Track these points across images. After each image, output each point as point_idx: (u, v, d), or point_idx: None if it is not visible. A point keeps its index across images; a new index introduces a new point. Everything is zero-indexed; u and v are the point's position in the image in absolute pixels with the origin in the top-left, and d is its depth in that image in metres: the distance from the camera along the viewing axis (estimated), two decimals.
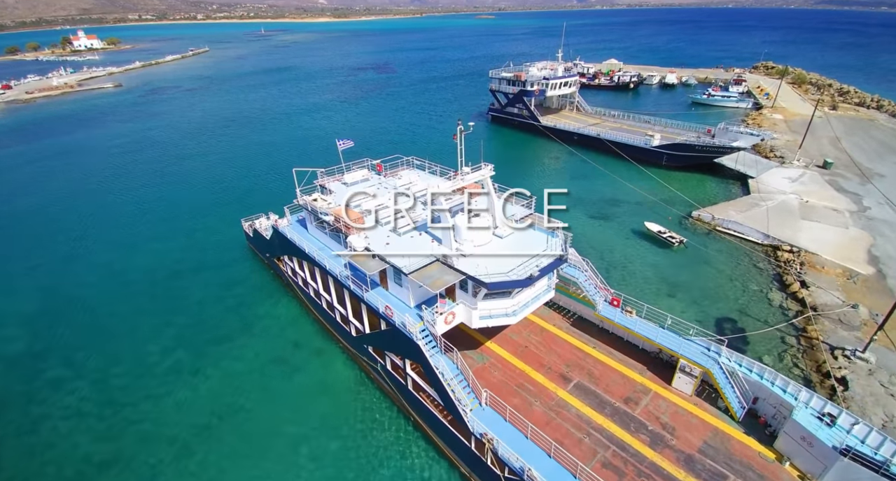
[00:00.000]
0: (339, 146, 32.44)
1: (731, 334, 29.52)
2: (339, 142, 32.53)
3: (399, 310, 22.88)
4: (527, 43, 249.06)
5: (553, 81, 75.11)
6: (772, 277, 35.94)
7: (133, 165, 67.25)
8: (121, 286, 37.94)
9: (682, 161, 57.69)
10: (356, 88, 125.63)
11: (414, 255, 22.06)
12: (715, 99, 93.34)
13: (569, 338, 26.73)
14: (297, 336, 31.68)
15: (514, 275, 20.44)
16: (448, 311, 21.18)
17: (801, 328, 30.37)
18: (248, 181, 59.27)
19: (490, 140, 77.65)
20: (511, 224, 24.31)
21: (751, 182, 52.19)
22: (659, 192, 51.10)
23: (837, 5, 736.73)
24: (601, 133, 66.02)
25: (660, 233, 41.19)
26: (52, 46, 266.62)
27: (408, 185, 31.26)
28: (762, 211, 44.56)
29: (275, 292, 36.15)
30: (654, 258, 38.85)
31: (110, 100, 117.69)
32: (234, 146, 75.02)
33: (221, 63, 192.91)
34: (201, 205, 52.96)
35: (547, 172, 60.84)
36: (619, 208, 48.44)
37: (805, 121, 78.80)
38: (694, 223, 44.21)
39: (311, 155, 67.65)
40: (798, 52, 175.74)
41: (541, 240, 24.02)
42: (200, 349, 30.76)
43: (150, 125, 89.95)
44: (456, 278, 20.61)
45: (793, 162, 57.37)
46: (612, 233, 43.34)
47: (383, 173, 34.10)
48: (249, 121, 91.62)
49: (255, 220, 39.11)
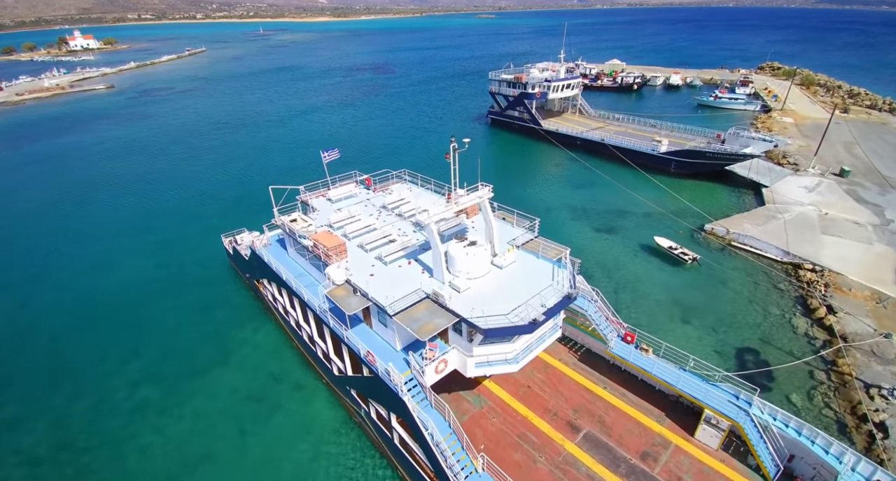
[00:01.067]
0: (323, 158, 29.69)
1: (753, 368, 26.81)
2: (323, 153, 29.78)
3: (383, 354, 20.08)
4: (527, 42, 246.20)
5: (555, 83, 72.26)
6: (794, 300, 33.16)
7: (116, 172, 64.48)
8: (89, 310, 35.16)
9: (691, 168, 54.86)
10: (354, 90, 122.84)
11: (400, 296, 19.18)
12: (722, 101, 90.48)
13: (577, 377, 23.98)
14: (277, 367, 28.93)
15: (515, 316, 17.71)
16: (439, 358, 18.43)
17: (831, 361, 27.61)
18: (235, 190, 56.47)
19: (489, 145, 74.90)
20: (511, 254, 21.50)
21: (765, 191, 49.39)
22: (668, 203, 48.37)
23: (838, 4, 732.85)
24: (605, 138, 63.21)
25: (671, 250, 38.40)
26: (49, 46, 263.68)
27: (399, 203, 28.56)
28: (779, 224, 41.77)
29: (255, 316, 33.39)
30: (665, 277, 36.06)
31: (101, 102, 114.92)
32: (223, 151, 72.26)
33: (217, 63, 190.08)
34: (184, 215, 50.22)
35: (549, 181, 58.01)
36: (625, 220, 45.63)
37: (816, 125, 76.16)
38: (707, 237, 41.41)
39: (304, 161, 64.92)
40: (803, 52, 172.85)
41: (545, 270, 21.28)
42: (171, 383, 28.03)
43: (138, 128, 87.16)
44: (448, 321, 17.87)
45: (808, 169, 54.55)
46: (620, 248, 40.54)
47: (372, 188, 31.34)
48: (243, 124, 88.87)
49: (237, 236, 36.22)
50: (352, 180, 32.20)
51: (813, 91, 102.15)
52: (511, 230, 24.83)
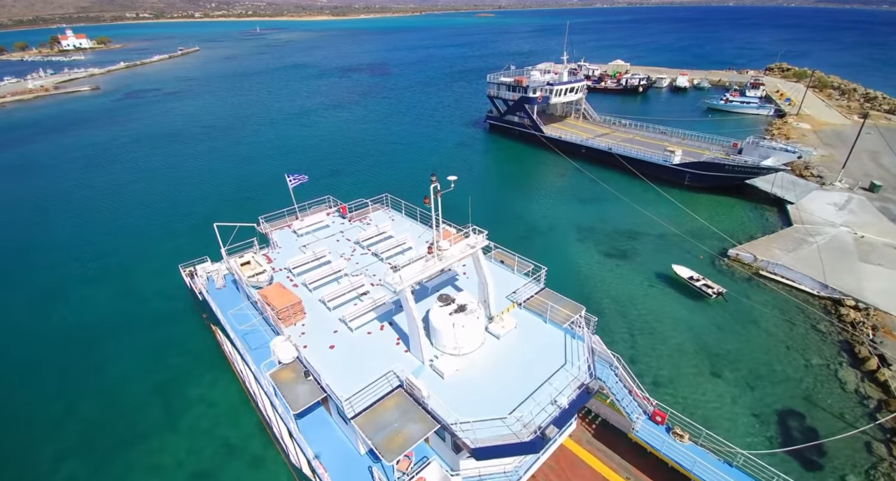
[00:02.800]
0: (289, 183, 25.16)
1: (801, 441, 22.36)
2: (289, 177, 25.25)
3: (340, 461, 15.50)
4: (528, 41, 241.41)
5: (558, 87, 67.64)
6: (838, 346, 28.67)
7: (85, 184, 59.88)
8: (27, 354, 30.61)
9: (707, 182, 50.31)
10: (348, 91, 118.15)
11: (363, 385, 14.60)
12: (733, 105, 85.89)
13: (592, 461, 19.44)
14: (233, 435, 24.37)
15: (515, 422, 13.21)
16: (415, 476, 13.90)
17: (891, 429, 23.12)
18: (212, 205, 51.86)
19: (486, 153, 70.36)
20: (511, 318, 17.00)
21: (790, 209, 44.87)
22: (683, 221, 43.88)
23: (838, 4, 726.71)
24: (613, 146, 58.64)
25: (692, 281, 33.84)
26: (40, 46, 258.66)
27: (378, 238, 24.04)
28: (812, 250, 37.25)
29: (214, 365, 28.78)
30: (687, 316, 31.54)
31: (83, 104, 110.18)
32: (204, 160, 67.69)
33: (209, 63, 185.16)
34: (151, 235, 45.61)
35: (551, 194, 53.45)
36: (638, 243, 41.09)
37: (835, 132, 71.65)
38: (731, 265, 36.86)
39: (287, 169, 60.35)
40: (809, 52, 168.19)
41: (555, 341, 16.80)
42: (106, 454, 23.50)
43: (115, 134, 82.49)
44: (425, 430, 13.37)
45: (834, 183, 50.01)
46: (633, 278, 35.98)
47: (348, 217, 26.75)
48: (229, 128, 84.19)
49: (198, 265, 31.46)
50: (325, 206, 27.67)
51: (827, 94, 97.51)
52: (511, 277, 20.32)
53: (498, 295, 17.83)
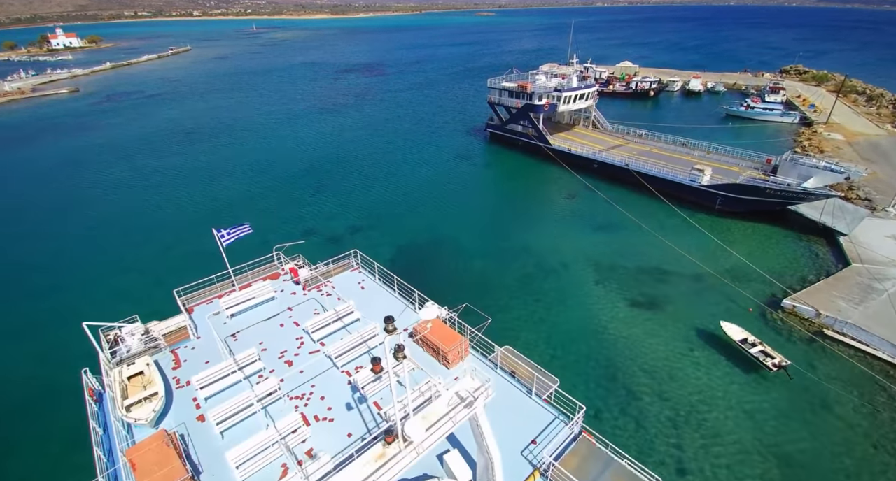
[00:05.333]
0: (219, 241, 18.36)
1: None
2: (218, 233, 18.40)
3: None
4: (528, 41, 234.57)
5: (567, 94, 60.96)
6: None
7: (38, 201, 53.08)
8: None
9: (743, 207, 43.65)
10: (342, 94, 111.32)
11: None
12: (755, 111, 79.10)
13: None
14: None
15: None
16: None
17: None
18: (170, 235, 45.07)
19: (487, 166, 63.63)
20: None
21: (843, 242, 38.18)
22: (719, 258, 37.25)
23: (840, 3, 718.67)
24: (629, 162, 51.93)
25: (745, 346, 27.08)
26: (30, 45, 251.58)
27: (337, 319, 17.33)
28: (884, 302, 30.56)
29: None
30: (745, 397, 24.77)
31: (56, 109, 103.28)
32: (177, 172, 60.92)
33: (199, 64, 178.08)
34: (98, 272, 38.93)
35: (560, 219, 46.69)
36: (668, 286, 34.34)
37: (871, 143, 64.97)
38: (788, 320, 30.17)
39: (264, 189, 53.73)
40: (824, 52, 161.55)
41: None
42: None
43: (86, 142, 75.68)
44: None
45: (888, 209, 43.32)
46: (669, 338, 29.21)
47: (302, 283, 19.97)
48: (214, 133, 77.33)
49: (123, 329, 24.39)
50: (273, 267, 20.94)
51: (852, 100, 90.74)
52: (524, 407, 13.61)
53: (507, 452, 11.25)
